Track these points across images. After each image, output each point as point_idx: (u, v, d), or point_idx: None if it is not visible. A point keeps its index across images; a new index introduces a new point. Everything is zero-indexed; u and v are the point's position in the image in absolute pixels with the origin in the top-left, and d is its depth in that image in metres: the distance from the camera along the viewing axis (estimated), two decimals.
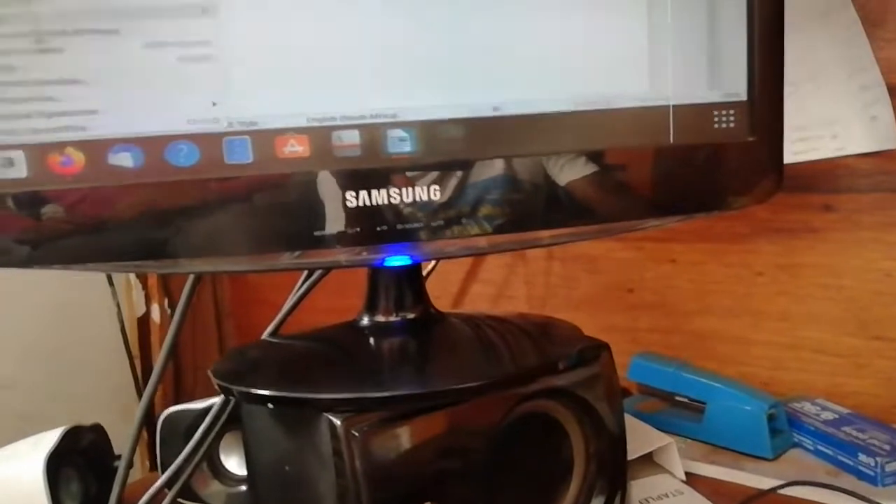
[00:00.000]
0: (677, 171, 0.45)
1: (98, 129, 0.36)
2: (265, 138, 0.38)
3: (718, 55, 0.44)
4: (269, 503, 0.47)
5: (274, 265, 0.43)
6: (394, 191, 0.40)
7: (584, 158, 0.42)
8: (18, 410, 0.78)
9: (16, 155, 0.36)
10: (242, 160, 0.38)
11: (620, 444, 0.48)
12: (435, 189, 0.40)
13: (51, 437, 0.56)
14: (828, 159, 0.65)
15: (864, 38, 0.64)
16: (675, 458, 0.59)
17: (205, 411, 0.50)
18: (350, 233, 0.39)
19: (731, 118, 0.45)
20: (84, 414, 0.62)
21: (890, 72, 0.63)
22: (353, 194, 0.39)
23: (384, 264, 0.47)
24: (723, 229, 0.75)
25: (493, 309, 0.88)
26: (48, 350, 0.84)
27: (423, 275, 0.50)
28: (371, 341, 0.48)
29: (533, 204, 0.42)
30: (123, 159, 0.37)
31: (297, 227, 0.39)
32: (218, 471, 0.55)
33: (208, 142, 0.38)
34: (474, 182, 0.41)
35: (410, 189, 0.40)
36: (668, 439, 0.60)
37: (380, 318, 0.48)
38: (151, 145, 0.37)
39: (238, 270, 0.92)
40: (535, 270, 0.86)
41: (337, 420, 0.38)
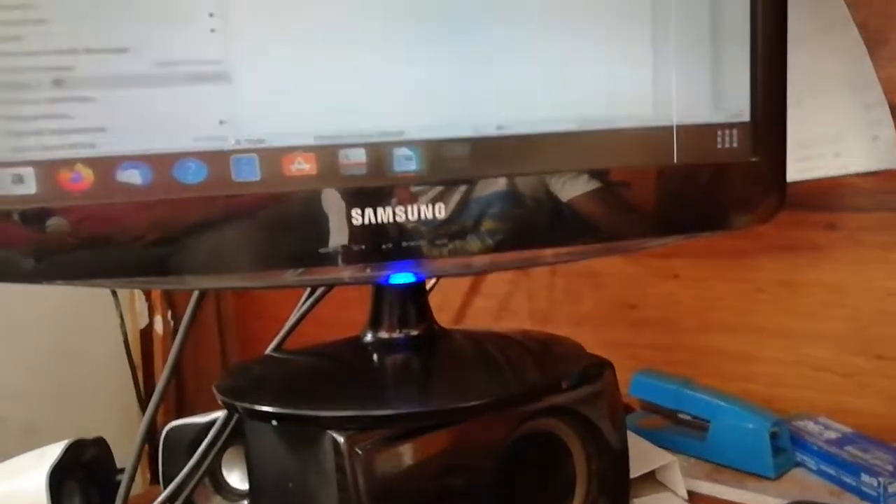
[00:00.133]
0: (681, 190, 0.45)
1: (107, 146, 0.37)
2: (273, 156, 0.39)
3: (722, 76, 0.44)
4: None
5: (278, 282, 0.43)
6: (399, 209, 0.40)
7: (587, 177, 0.43)
8: (21, 423, 0.78)
9: (25, 171, 0.36)
10: (250, 178, 0.38)
11: (623, 462, 0.48)
12: (440, 207, 0.41)
13: (54, 451, 0.56)
14: (831, 178, 0.65)
15: (867, 57, 0.64)
16: (678, 477, 0.59)
17: (207, 426, 0.50)
18: (355, 250, 0.40)
19: (735, 138, 0.45)
20: (86, 425, 0.62)
21: (892, 91, 0.64)
22: (358, 212, 0.40)
23: (389, 282, 0.47)
24: (726, 246, 0.75)
25: (495, 323, 0.88)
26: (51, 361, 0.84)
27: (427, 291, 0.50)
28: (375, 358, 0.48)
29: (536, 222, 0.43)
30: (132, 176, 0.37)
31: (303, 244, 0.39)
32: (220, 485, 0.55)
33: (216, 159, 0.38)
34: (478, 200, 0.41)
35: (415, 207, 0.40)
36: (670, 457, 0.59)
37: (384, 335, 0.48)
38: (160, 163, 0.37)
39: (243, 287, 0.92)
40: (538, 285, 0.86)
41: (340, 437, 0.39)
